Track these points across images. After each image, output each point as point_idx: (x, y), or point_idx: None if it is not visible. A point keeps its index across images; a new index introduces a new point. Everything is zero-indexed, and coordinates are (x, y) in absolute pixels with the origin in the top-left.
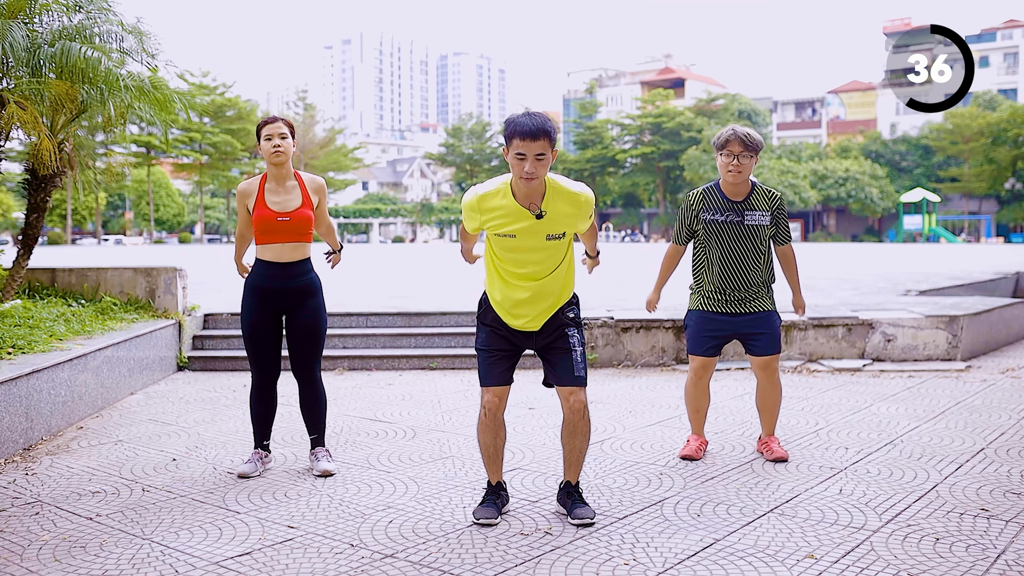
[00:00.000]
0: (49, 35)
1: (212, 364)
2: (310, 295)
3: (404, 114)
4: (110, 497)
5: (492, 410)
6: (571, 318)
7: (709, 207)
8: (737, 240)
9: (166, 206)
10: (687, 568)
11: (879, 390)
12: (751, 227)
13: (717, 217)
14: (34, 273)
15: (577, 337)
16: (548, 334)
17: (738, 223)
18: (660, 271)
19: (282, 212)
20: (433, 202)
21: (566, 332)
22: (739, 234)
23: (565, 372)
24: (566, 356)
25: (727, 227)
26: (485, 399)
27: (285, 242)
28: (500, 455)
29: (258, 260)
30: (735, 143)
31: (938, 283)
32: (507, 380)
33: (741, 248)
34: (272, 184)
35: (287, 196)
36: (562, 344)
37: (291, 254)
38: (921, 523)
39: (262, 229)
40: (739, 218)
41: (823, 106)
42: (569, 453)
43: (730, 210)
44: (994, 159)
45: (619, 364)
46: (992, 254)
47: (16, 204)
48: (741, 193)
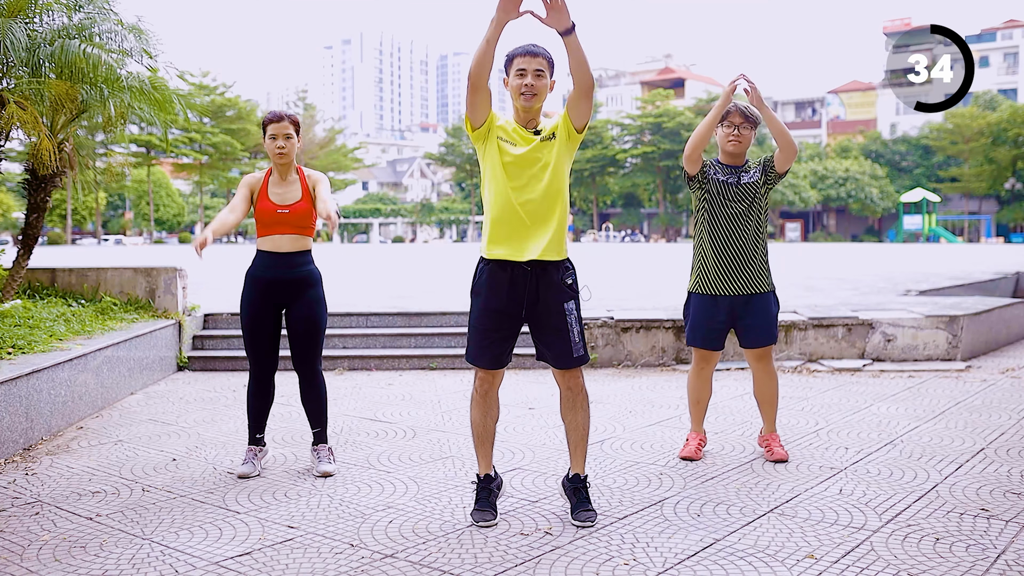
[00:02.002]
0: (49, 34)
1: (212, 364)
2: (309, 286)
3: (404, 114)
4: (110, 497)
5: (484, 390)
6: (568, 284)
7: (712, 168)
8: (734, 201)
9: (166, 206)
10: (687, 568)
11: (879, 390)
12: (746, 184)
13: (719, 176)
14: (34, 273)
15: (575, 314)
16: (544, 302)
17: (735, 183)
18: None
19: (282, 204)
20: (433, 202)
21: (563, 307)
22: (736, 195)
23: (563, 355)
24: (563, 337)
25: (725, 187)
26: (477, 379)
27: (284, 234)
28: (490, 436)
29: (258, 251)
30: (736, 114)
31: (938, 283)
32: (500, 364)
33: (737, 209)
34: (275, 178)
35: (288, 189)
36: (558, 323)
37: (290, 245)
38: (921, 523)
39: (263, 221)
40: (735, 179)
41: (823, 106)
42: (572, 430)
43: (729, 173)
44: (994, 159)
45: (619, 364)
46: (992, 254)
47: (16, 204)
48: (739, 162)
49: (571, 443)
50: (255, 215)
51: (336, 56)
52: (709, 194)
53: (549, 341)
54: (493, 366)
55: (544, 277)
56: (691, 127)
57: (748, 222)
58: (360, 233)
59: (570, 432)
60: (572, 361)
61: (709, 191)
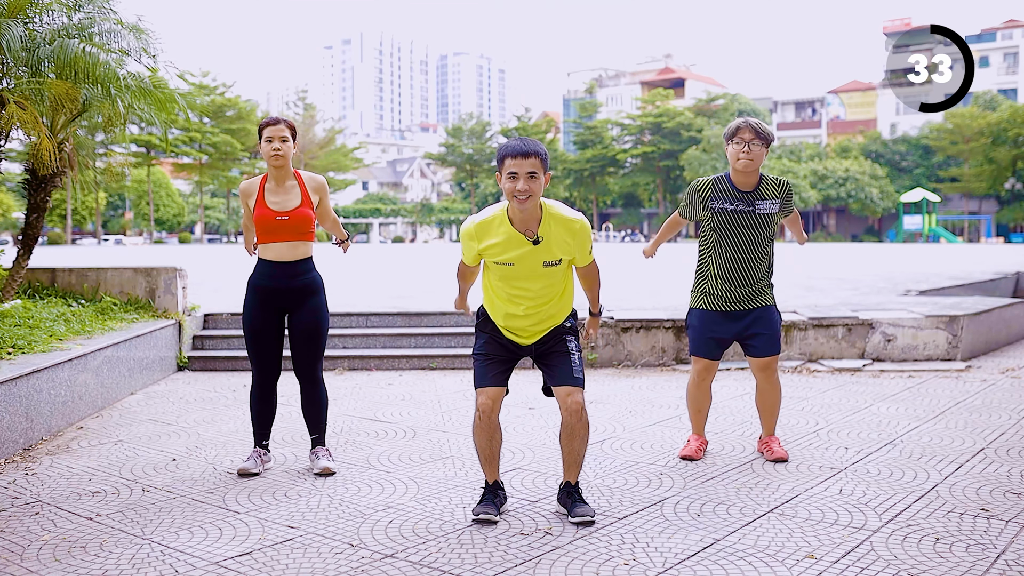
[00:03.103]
0: (49, 34)
1: (212, 364)
2: (311, 294)
3: (404, 114)
4: (110, 497)
5: (486, 412)
6: (568, 327)
7: (718, 196)
8: (746, 229)
9: (166, 206)
10: (687, 568)
11: (879, 390)
12: (761, 216)
13: (727, 206)
14: (34, 273)
15: (575, 344)
16: (546, 342)
17: (749, 212)
18: (660, 232)
19: (281, 211)
20: (433, 202)
21: (564, 338)
22: (749, 223)
23: (563, 374)
24: (564, 359)
25: (736, 216)
26: (479, 401)
27: (285, 241)
28: (496, 457)
29: (260, 260)
30: (746, 130)
31: (938, 283)
32: (501, 383)
33: (749, 238)
34: (272, 184)
35: (286, 196)
36: (560, 348)
37: (291, 253)
38: (921, 523)
39: (262, 229)
40: (750, 207)
41: (823, 106)
42: (568, 455)
43: (740, 200)
44: (994, 159)
45: (619, 364)
46: (992, 254)
47: (16, 204)
48: (751, 184)
49: (566, 463)
50: (254, 222)
51: (336, 56)
52: (720, 223)
53: (551, 363)
54: (496, 384)
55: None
56: (691, 127)
57: (759, 247)
58: (360, 233)
59: (565, 455)
60: (573, 380)
61: (718, 222)
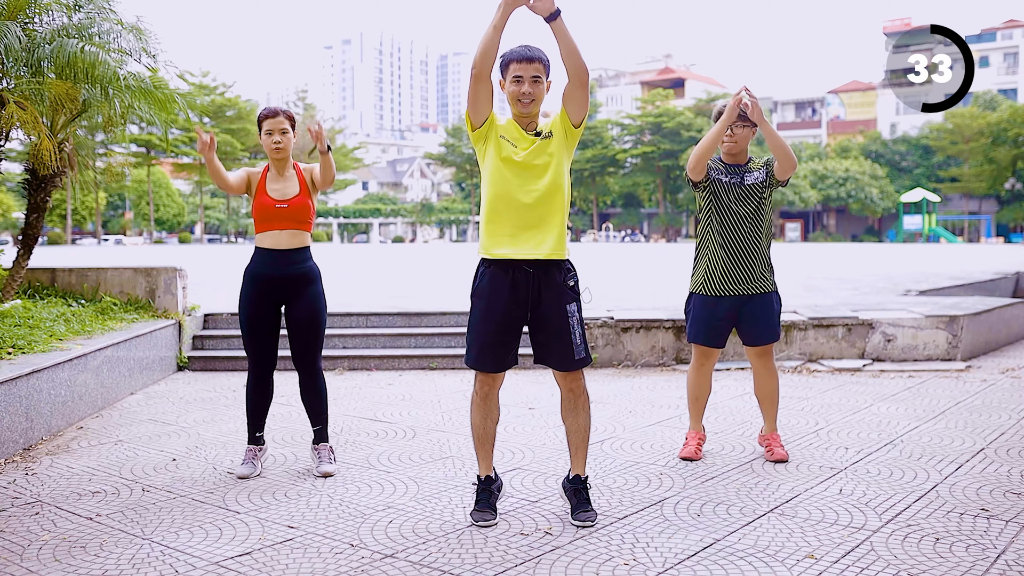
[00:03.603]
0: (49, 34)
1: (212, 364)
2: (309, 283)
3: (404, 114)
4: (110, 497)
5: (484, 392)
6: (570, 286)
7: (714, 168)
8: (739, 204)
9: (166, 206)
10: (687, 568)
11: (879, 390)
12: (750, 186)
13: (722, 178)
14: (34, 273)
15: (577, 316)
16: (547, 305)
17: (739, 183)
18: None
19: (280, 199)
20: (433, 202)
21: (565, 309)
22: (740, 196)
23: (564, 357)
24: (564, 339)
25: (730, 188)
26: (477, 382)
27: (283, 229)
28: (491, 437)
29: (257, 248)
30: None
31: (938, 283)
32: (503, 367)
33: (743, 214)
34: (273, 174)
35: (286, 184)
36: (560, 325)
37: (289, 241)
38: (921, 523)
39: (261, 216)
40: (739, 179)
41: (823, 106)
42: (573, 432)
43: (731, 173)
44: (994, 159)
45: (619, 364)
46: (992, 254)
47: (16, 204)
48: (740, 161)
49: (571, 445)
50: (253, 211)
51: (336, 56)
52: (714, 196)
53: (550, 344)
54: (496, 369)
55: (546, 279)
56: (691, 127)
57: (754, 223)
58: (360, 233)
59: (571, 434)
60: (574, 363)
61: (714, 192)
